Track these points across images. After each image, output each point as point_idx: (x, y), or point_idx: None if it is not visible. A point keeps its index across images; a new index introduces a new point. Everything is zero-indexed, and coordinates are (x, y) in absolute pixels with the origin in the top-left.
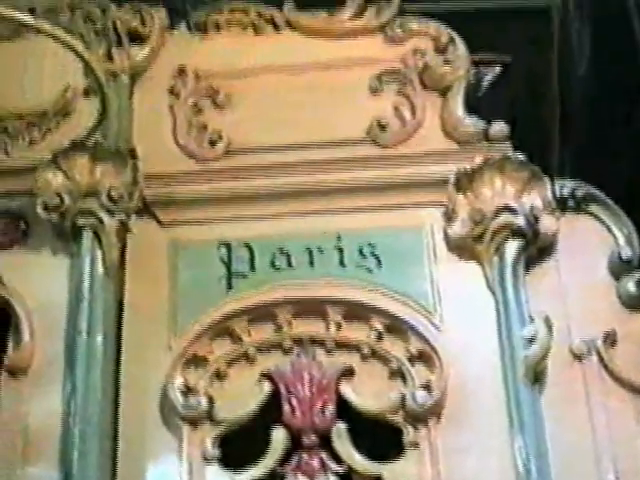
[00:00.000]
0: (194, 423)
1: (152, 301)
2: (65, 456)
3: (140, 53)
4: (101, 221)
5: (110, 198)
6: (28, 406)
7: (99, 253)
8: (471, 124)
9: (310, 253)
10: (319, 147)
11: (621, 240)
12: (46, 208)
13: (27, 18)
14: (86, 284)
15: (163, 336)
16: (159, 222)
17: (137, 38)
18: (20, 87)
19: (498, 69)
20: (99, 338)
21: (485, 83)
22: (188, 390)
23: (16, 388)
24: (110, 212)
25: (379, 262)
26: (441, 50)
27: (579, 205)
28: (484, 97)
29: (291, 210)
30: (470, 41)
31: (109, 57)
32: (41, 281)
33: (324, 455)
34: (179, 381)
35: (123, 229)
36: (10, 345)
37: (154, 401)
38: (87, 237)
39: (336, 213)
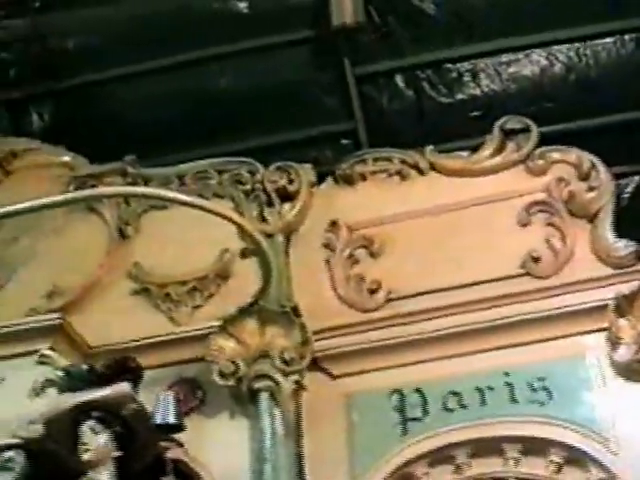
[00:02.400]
0: None
1: (330, 453)
2: None
3: (291, 211)
4: (277, 383)
5: (283, 360)
6: None
7: (277, 413)
8: (622, 247)
9: (481, 392)
10: (477, 285)
11: None
12: (222, 374)
13: (179, 196)
14: (268, 445)
15: None
16: (330, 375)
17: (286, 196)
18: (177, 253)
19: (637, 179)
20: None
21: (626, 195)
22: None
23: None
24: (285, 373)
25: (550, 394)
26: (584, 177)
27: None
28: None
29: (458, 351)
30: (604, 155)
31: (262, 218)
32: (221, 445)
33: None
34: None
35: (298, 388)
36: None
37: None
38: (264, 399)
39: (502, 349)
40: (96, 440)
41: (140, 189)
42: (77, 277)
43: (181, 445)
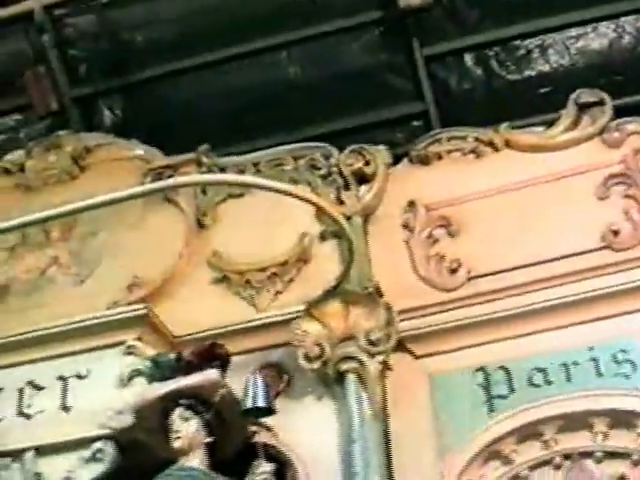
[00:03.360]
0: None
1: (417, 433)
2: None
3: (368, 193)
4: (363, 364)
5: (369, 341)
6: None
7: (364, 394)
8: None
9: (566, 367)
10: (557, 260)
11: None
12: (307, 358)
13: (259, 180)
14: (356, 426)
15: (433, 466)
16: (414, 355)
17: (363, 178)
18: (256, 240)
19: None
20: (375, 476)
21: None
22: None
23: None
24: (370, 354)
25: (634, 366)
26: None
27: None
28: None
29: (541, 327)
30: None
31: (339, 201)
32: (309, 428)
33: None
34: None
35: (384, 368)
36: None
37: None
38: (351, 381)
39: (584, 324)
40: (186, 427)
41: (220, 176)
42: (157, 268)
43: (269, 429)
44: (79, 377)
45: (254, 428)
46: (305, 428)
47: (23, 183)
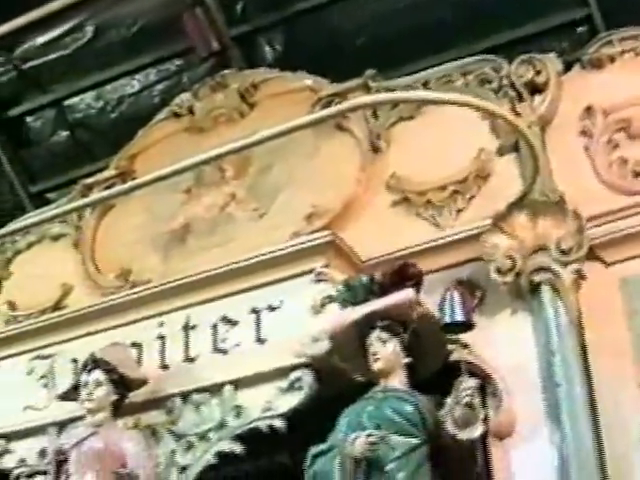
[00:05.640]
0: None
1: (613, 340)
2: None
3: (543, 103)
4: (556, 274)
5: (561, 250)
6: (517, 465)
7: (560, 305)
8: None
9: None
10: None
11: None
12: (499, 271)
13: (440, 95)
14: (554, 337)
15: (631, 374)
16: (605, 263)
17: (535, 89)
18: (433, 159)
19: None
20: (577, 387)
21: None
22: None
23: (504, 450)
24: (563, 264)
25: None
26: None
27: None
28: None
29: None
30: None
31: (515, 113)
32: (506, 342)
33: None
34: None
35: (578, 277)
36: (490, 410)
37: (636, 437)
38: (545, 292)
39: None
40: (385, 349)
41: (400, 94)
42: (335, 196)
43: (466, 346)
44: (271, 309)
45: (451, 346)
46: (502, 343)
47: (193, 125)
